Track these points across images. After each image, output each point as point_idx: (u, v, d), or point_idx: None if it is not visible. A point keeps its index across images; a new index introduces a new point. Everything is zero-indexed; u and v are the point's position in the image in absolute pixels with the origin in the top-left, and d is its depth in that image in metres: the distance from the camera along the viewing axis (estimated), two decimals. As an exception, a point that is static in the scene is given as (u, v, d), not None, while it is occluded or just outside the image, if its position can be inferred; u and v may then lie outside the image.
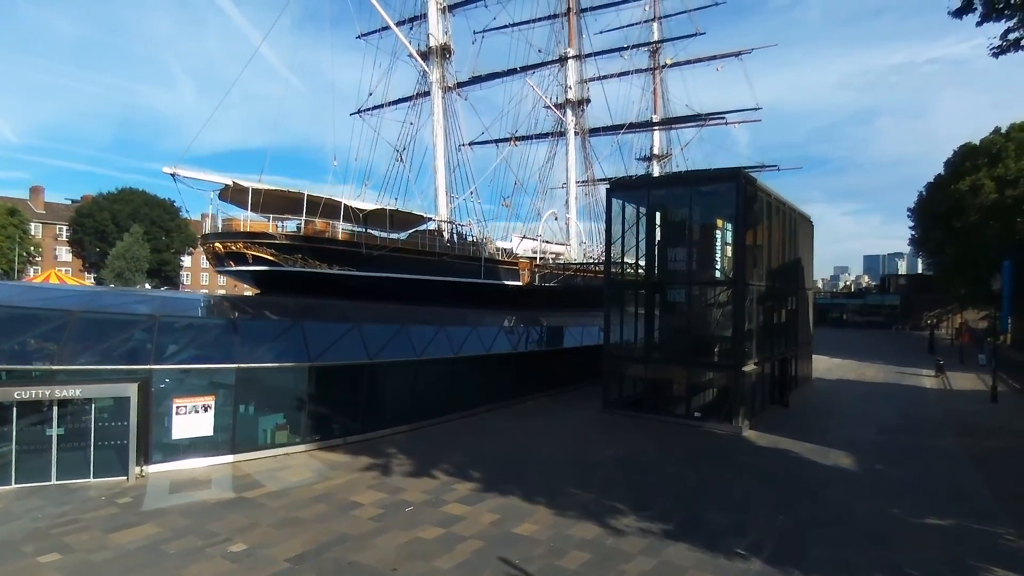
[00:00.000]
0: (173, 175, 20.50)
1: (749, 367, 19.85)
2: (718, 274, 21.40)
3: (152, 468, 13.60)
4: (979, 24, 10.97)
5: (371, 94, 35.08)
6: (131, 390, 13.08)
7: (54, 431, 12.84)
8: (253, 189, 22.00)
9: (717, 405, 21.32)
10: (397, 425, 17.73)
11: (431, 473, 14.07)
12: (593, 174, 49.46)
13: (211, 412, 14.24)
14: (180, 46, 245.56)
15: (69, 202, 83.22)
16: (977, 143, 49.87)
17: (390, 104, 34.03)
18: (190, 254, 75.68)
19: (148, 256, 63.83)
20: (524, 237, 34.08)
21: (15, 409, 12.46)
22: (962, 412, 22.99)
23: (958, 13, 10.79)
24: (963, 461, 16.23)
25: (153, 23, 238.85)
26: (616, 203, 21.99)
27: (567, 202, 42.50)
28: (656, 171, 56.79)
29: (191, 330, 15.31)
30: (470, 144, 40.98)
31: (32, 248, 63.47)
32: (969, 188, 44.90)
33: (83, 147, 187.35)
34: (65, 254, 72.31)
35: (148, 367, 13.52)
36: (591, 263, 36.19)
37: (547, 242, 36.43)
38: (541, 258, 33.11)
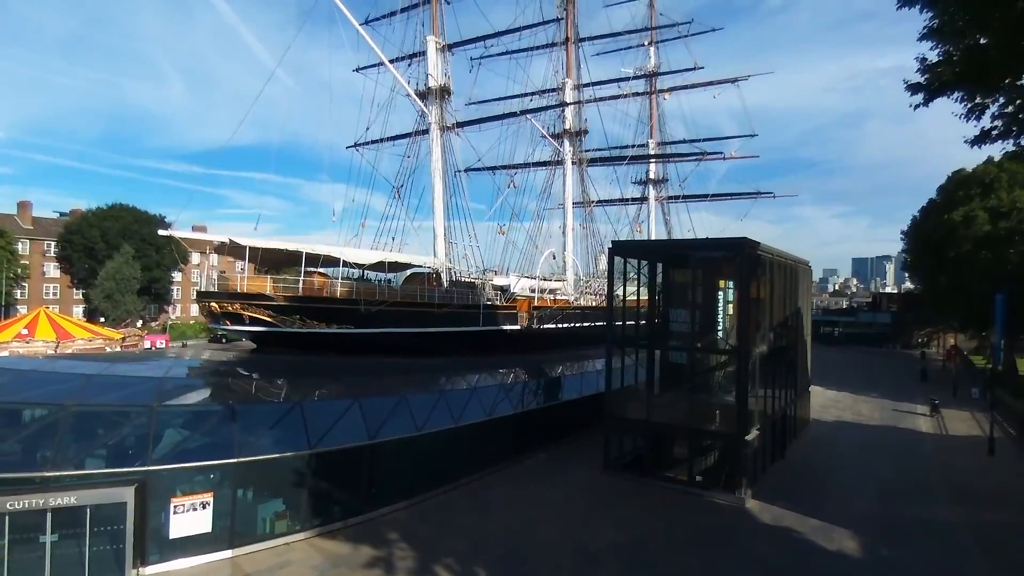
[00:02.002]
0: (170, 237, 20.13)
1: (752, 435, 19.75)
2: (720, 334, 21.32)
3: (149, 570, 13.27)
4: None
5: (368, 128, 34.75)
6: (128, 494, 12.76)
7: (47, 538, 12.48)
8: (251, 247, 21.64)
9: (719, 467, 21.22)
10: (398, 501, 17.45)
11: (433, 570, 13.83)
12: (589, 197, 49.56)
13: (209, 508, 13.92)
14: (169, 42, 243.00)
15: (57, 215, 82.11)
16: (970, 170, 50.39)
17: (388, 139, 33.68)
18: (180, 270, 74.81)
19: (139, 276, 62.98)
20: (522, 276, 33.88)
21: (7, 519, 12.11)
22: (961, 470, 23.00)
23: (976, 142, 10.72)
24: (967, 541, 16.20)
25: (141, 18, 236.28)
26: (618, 262, 21.84)
27: (564, 233, 42.33)
28: (652, 194, 56.91)
29: (188, 419, 14.98)
30: (466, 170, 40.88)
31: (20, 270, 62.40)
32: (963, 219, 45.28)
33: (71, 143, 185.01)
34: (53, 270, 71.19)
35: (145, 468, 13.18)
36: (589, 307, 36.08)
37: (544, 279, 36.27)
38: (539, 297, 32.94)
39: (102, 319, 57.90)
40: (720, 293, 21.26)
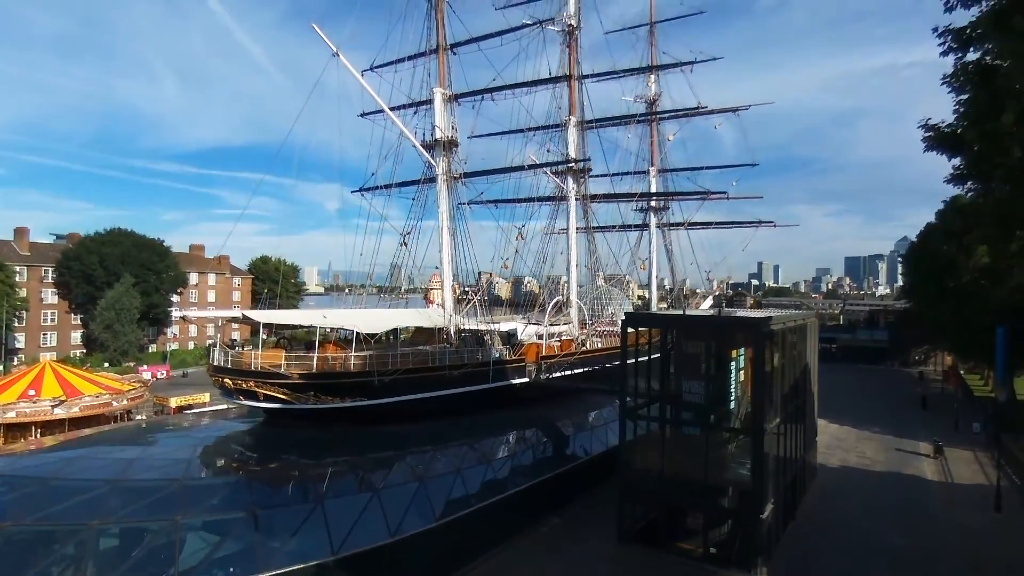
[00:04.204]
0: (183, 318, 20.06)
1: (766, 512, 19.87)
2: (733, 404, 21.43)
3: None
4: None
5: (373, 174, 34.64)
6: (156, 621, 12.75)
7: (76, 667, 12.47)
8: (264, 324, 21.64)
9: (732, 537, 21.33)
10: (418, 590, 17.51)
11: None
12: (591, 225, 49.74)
13: (235, 625, 13.92)
14: (162, 41, 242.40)
15: (54, 238, 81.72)
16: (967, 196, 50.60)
17: (395, 186, 33.58)
18: (179, 294, 74.42)
19: (139, 306, 62.55)
20: (528, 323, 33.98)
21: (36, 654, 12.09)
22: (971, 533, 23.16)
23: None
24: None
25: (134, 17, 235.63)
26: (631, 332, 21.94)
27: (567, 271, 42.47)
28: (653, 222, 57.10)
29: (212, 527, 14.98)
30: (470, 203, 40.95)
31: (19, 302, 61.90)
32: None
33: (63, 144, 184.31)
34: (51, 296, 70.70)
35: (172, 593, 13.18)
36: (596, 350, 36.25)
37: (552, 323, 36.39)
38: (547, 344, 33.04)
39: (106, 365, 57.23)
40: (732, 364, 21.37)
